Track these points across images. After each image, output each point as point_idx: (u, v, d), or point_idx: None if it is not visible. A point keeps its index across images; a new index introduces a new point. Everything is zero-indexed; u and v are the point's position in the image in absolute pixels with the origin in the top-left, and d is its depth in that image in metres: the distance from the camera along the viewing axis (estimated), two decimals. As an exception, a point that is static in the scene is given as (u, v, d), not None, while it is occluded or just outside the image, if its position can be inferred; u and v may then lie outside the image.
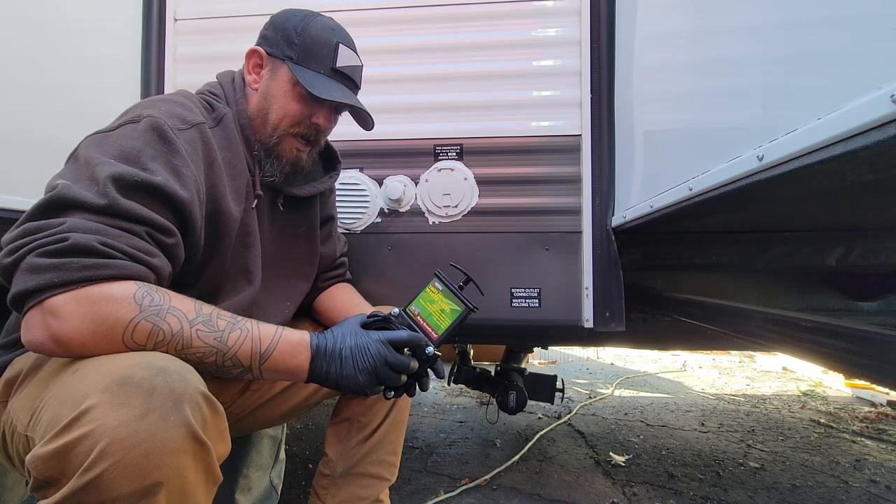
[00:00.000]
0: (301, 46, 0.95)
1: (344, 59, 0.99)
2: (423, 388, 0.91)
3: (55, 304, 0.63)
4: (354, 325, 0.85)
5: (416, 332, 0.88)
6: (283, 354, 0.76)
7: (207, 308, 0.73)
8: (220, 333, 0.72)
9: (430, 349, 0.85)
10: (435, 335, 0.88)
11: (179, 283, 0.80)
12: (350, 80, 1.01)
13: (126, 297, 0.66)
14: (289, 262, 1.09)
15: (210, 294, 0.89)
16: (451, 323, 0.88)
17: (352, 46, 1.02)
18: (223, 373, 0.73)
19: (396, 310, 0.91)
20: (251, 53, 1.00)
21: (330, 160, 1.20)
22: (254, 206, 0.97)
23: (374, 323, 0.88)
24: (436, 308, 0.90)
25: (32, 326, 0.64)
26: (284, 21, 0.98)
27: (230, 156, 0.92)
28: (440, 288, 0.91)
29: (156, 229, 0.73)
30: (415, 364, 0.84)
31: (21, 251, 0.64)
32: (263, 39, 1.00)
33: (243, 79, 1.01)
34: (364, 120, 1.07)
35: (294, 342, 0.78)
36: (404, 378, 0.84)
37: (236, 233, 0.92)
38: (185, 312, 0.70)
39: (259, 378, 0.77)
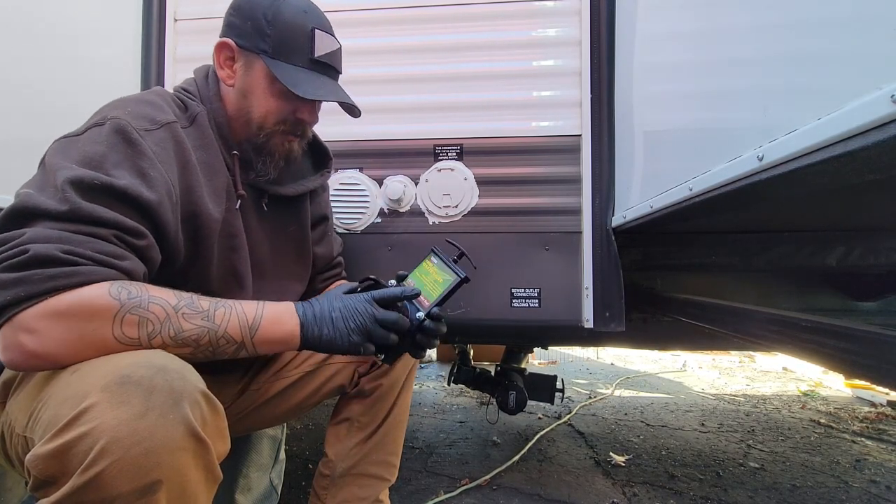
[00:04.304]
0: (274, 38, 0.89)
1: (322, 46, 0.93)
2: (416, 356, 0.92)
3: (25, 319, 0.62)
4: (339, 292, 0.86)
5: (410, 301, 0.90)
6: (270, 323, 0.76)
7: (185, 293, 0.72)
8: (206, 312, 0.71)
9: (421, 314, 0.87)
10: (427, 302, 0.91)
11: (167, 286, 0.78)
12: (331, 68, 0.96)
13: (101, 295, 0.65)
14: (280, 264, 1.06)
15: None
16: (442, 291, 0.91)
17: (328, 28, 0.95)
18: (221, 353, 0.73)
19: (392, 282, 0.94)
20: (220, 47, 0.92)
21: (320, 158, 1.16)
22: (237, 206, 0.94)
23: (366, 286, 0.90)
24: (430, 279, 0.93)
25: (7, 346, 0.63)
26: (252, 7, 0.90)
27: (206, 155, 0.89)
28: (435, 262, 0.95)
29: (124, 232, 0.71)
30: (404, 321, 0.84)
31: None
32: (231, 29, 0.92)
33: (216, 74, 0.96)
34: (350, 109, 1.02)
35: (279, 311, 0.78)
36: (396, 338, 0.84)
37: (220, 235, 0.89)
38: (166, 299, 0.69)
39: (254, 353, 0.76)
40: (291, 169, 1.04)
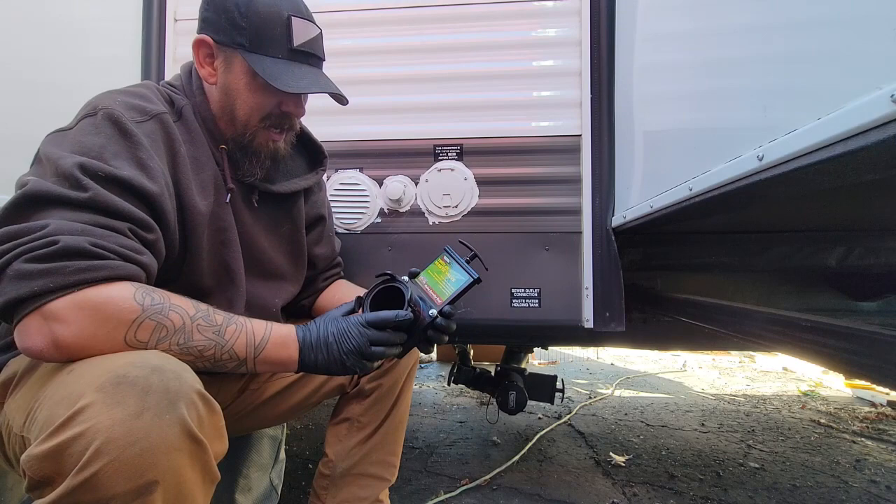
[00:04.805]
0: (250, 30, 0.86)
1: (300, 34, 0.89)
2: (425, 351, 0.94)
3: (55, 309, 0.62)
4: (336, 314, 0.87)
5: (422, 298, 0.92)
6: (275, 346, 0.77)
7: (203, 304, 0.74)
8: (218, 327, 0.72)
9: (433, 311, 0.89)
10: (439, 300, 0.92)
11: (160, 280, 0.78)
12: (312, 56, 0.93)
13: (126, 298, 0.66)
14: (274, 262, 1.05)
15: (192, 293, 0.86)
16: (455, 290, 0.93)
17: (304, 14, 0.92)
18: (220, 366, 0.74)
19: (405, 278, 0.95)
20: (198, 44, 0.90)
21: (314, 156, 1.15)
22: (227, 200, 0.93)
23: (378, 285, 0.92)
24: (442, 278, 0.95)
25: (31, 333, 0.63)
26: None
27: (193, 149, 0.88)
28: (448, 261, 0.97)
29: (137, 225, 0.71)
30: (396, 337, 0.86)
31: (5, 257, 0.62)
32: (207, 24, 0.89)
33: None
34: (337, 97, 0.98)
35: (283, 335, 0.79)
36: (395, 350, 0.86)
37: (209, 228, 0.89)
38: (185, 308, 0.70)
39: (253, 371, 0.78)
40: (282, 167, 1.04)
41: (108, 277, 0.65)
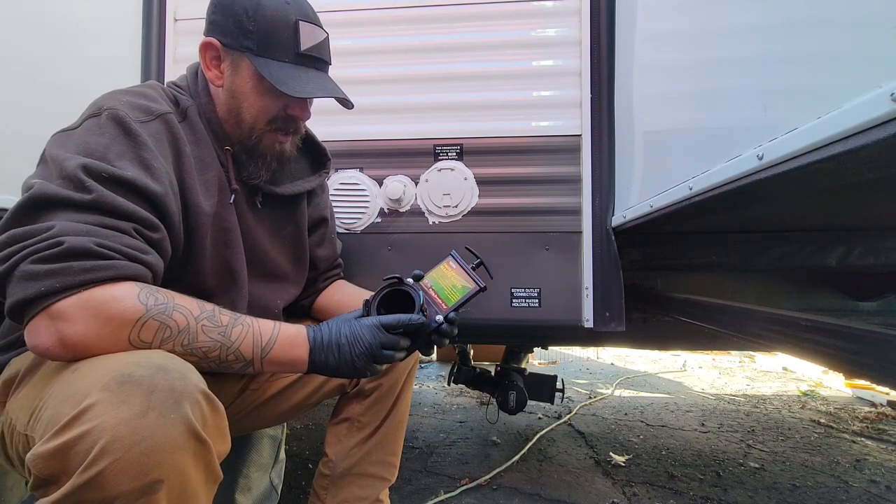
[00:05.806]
0: (258, 34, 0.87)
1: (308, 38, 0.90)
2: (426, 353, 0.94)
3: (62, 308, 0.63)
4: (349, 317, 0.86)
5: (428, 303, 0.92)
6: (282, 347, 0.77)
7: (209, 305, 0.74)
8: (224, 328, 0.72)
9: (440, 317, 0.89)
10: (445, 307, 0.92)
11: (163, 280, 0.78)
12: (319, 60, 0.94)
13: (130, 297, 0.66)
14: (276, 264, 1.05)
15: (195, 294, 0.86)
16: (461, 297, 0.93)
17: (312, 18, 0.93)
18: (225, 367, 0.74)
19: (410, 280, 0.94)
20: (205, 47, 0.90)
21: (318, 158, 1.15)
22: (231, 201, 0.93)
23: (385, 288, 0.91)
24: (448, 283, 0.94)
25: (39, 332, 0.64)
26: (233, 2, 0.88)
27: (198, 150, 0.89)
28: (454, 266, 0.96)
29: (142, 225, 0.72)
30: (406, 342, 0.86)
31: (13, 259, 0.63)
32: (214, 27, 0.90)
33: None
34: (343, 101, 0.98)
35: (292, 335, 0.79)
36: (400, 355, 0.86)
37: (213, 229, 0.89)
38: (189, 309, 0.70)
39: (260, 371, 0.78)
40: (287, 169, 1.04)
41: (114, 277, 0.66)
